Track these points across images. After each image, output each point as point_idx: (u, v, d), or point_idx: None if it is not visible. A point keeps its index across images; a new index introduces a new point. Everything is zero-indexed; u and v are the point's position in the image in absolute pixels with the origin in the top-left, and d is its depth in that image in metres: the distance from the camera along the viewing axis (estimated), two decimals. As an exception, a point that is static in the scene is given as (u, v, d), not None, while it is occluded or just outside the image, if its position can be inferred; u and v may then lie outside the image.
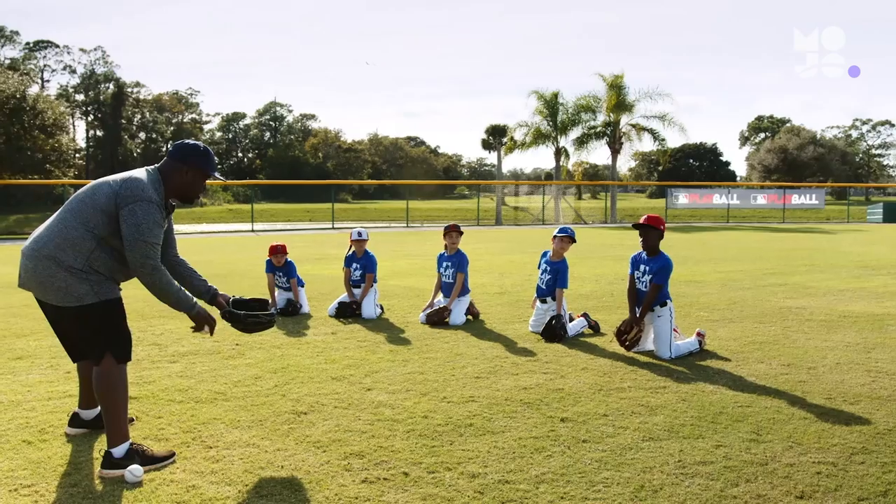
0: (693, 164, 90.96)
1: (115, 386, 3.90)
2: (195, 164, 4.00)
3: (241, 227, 35.37)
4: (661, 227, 6.49)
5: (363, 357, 6.33)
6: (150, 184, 3.86)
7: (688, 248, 19.27)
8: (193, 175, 4.01)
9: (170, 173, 3.97)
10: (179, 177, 3.98)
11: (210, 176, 4.09)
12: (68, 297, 3.78)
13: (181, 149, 4.03)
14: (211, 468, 3.81)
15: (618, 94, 36.01)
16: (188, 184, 4.01)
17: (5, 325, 7.93)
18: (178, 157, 3.99)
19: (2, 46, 68.44)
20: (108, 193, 3.78)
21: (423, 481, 3.62)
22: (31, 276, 3.82)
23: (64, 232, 3.79)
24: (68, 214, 3.84)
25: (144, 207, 3.75)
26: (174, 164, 3.97)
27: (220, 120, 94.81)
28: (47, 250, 3.77)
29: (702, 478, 3.64)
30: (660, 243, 6.54)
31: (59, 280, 3.75)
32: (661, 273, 6.39)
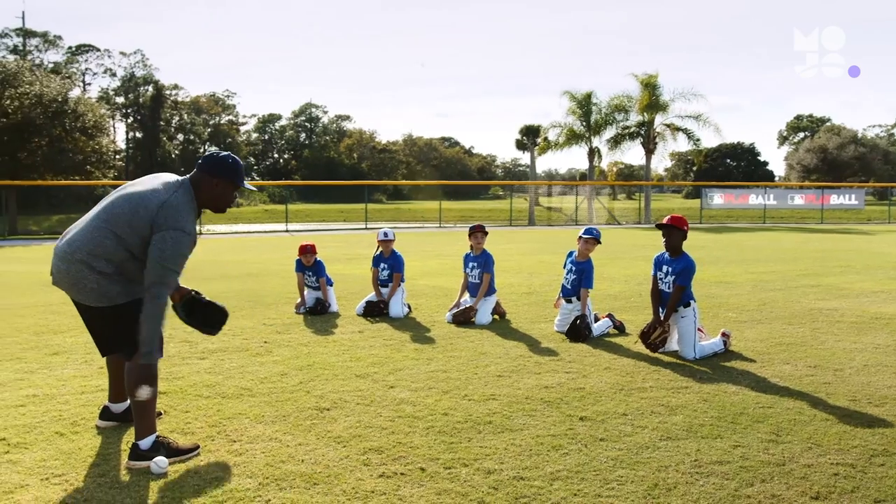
0: (730, 164, 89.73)
1: (146, 381, 4.01)
2: (225, 176, 4.11)
3: (275, 227, 35.80)
4: (684, 228, 6.47)
5: (388, 355, 6.41)
6: (185, 206, 3.96)
7: (721, 248, 19.07)
8: (224, 187, 4.12)
9: (200, 184, 4.08)
10: (210, 188, 4.08)
11: (239, 187, 4.19)
12: (101, 297, 3.93)
13: (211, 162, 4.13)
14: (234, 461, 3.91)
15: (651, 93, 35.73)
16: (219, 195, 4.13)
17: (44, 321, 8.17)
18: (207, 169, 4.09)
19: (45, 51, 70.03)
20: (146, 220, 3.87)
21: (439, 476, 3.68)
22: (64, 277, 3.97)
23: (97, 240, 3.92)
24: (103, 224, 3.94)
25: (175, 237, 3.87)
26: (204, 176, 4.08)
27: (257, 121, 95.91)
28: (80, 255, 3.91)
29: (717, 477, 3.65)
30: (682, 244, 6.51)
31: (91, 282, 3.90)
32: (684, 274, 6.37)
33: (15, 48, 66.30)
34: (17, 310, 9.05)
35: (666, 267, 6.52)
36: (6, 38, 66.92)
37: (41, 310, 8.97)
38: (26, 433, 4.39)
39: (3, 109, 32.13)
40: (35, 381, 5.61)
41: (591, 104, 38.02)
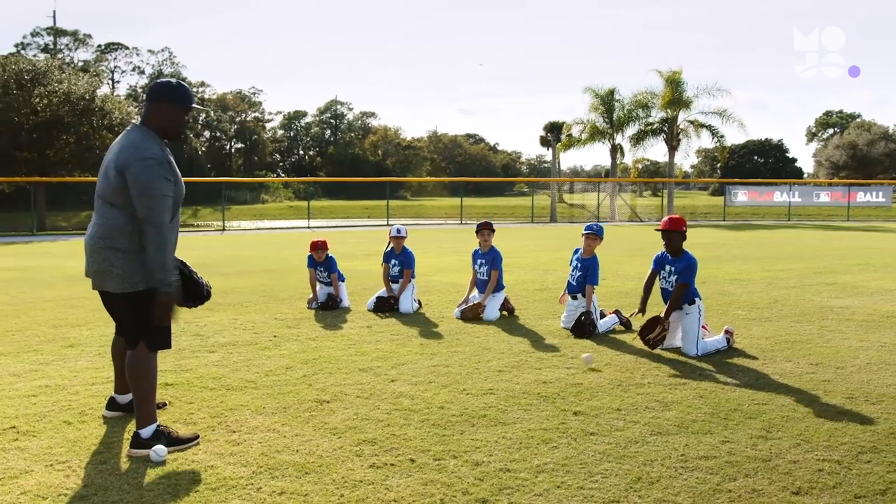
0: (758, 160, 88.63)
1: (146, 372, 4.16)
2: (171, 99, 4.12)
3: (298, 223, 36.09)
4: (682, 229, 6.51)
5: (393, 350, 6.51)
6: (141, 139, 4.00)
7: (741, 246, 18.95)
8: (172, 110, 4.12)
9: (150, 115, 4.09)
10: (159, 115, 4.09)
11: (189, 109, 4.20)
12: (125, 283, 4.05)
13: (156, 88, 4.15)
14: (231, 450, 4.03)
15: (675, 89, 35.48)
16: (169, 119, 4.12)
17: (63, 314, 8.38)
18: (154, 97, 4.11)
19: (76, 49, 71.18)
20: (113, 173, 3.97)
21: (428, 468, 3.77)
22: (93, 267, 4.15)
23: (104, 220, 4.08)
24: (100, 203, 4.10)
25: (142, 166, 3.90)
26: (152, 105, 4.10)
27: (282, 118, 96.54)
28: (103, 242, 4.07)
29: (701, 472, 3.70)
30: (683, 244, 6.55)
31: (118, 267, 4.03)
32: (686, 272, 6.40)
33: (46, 47, 67.43)
34: (39, 304, 9.28)
35: (669, 266, 6.56)
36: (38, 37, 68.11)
37: (62, 303, 9.19)
38: (36, 422, 4.55)
39: (33, 107, 32.71)
40: (49, 372, 5.78)
41: (614, 101, 37.87)
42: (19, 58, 38.25)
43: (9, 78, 33.17)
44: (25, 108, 32.66)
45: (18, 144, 32.85)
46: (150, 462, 3.87)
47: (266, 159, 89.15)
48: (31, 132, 32.76)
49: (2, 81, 33.09)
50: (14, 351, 6.53)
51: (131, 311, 4.15)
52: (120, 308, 4.23)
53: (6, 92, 32.83)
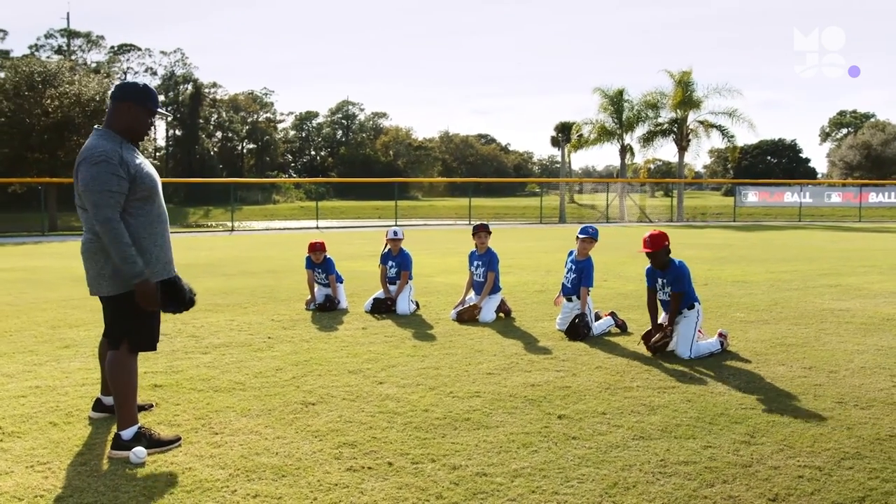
0: (771, 161, 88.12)
1: (126, 373, 4.18)
2: (134, 100, 4.12)
3: (308, 224, 36.19)
4: (663, 246, 6.39)
5: (385, 351, 6.51)
6: (98, 141, 4.01)
7: (747, 247, 18.83)
8: (136, 111, 4.12)
9: (115, 115, 4.10)
10: (124, 116, 4.10)
11: (153, 112, 4.20)
12: (116, 284, 4.07)
13: (120, 88, 4.17)
14: (211, 453, 4.04)
15: (685, 90, 35.32)
16: (133, 120, 4.12)
17: (62, 315, 8.43)
18: (119, 97, 4.13)
19: (88, 51, 71.69)
20: (76, 180, 4.02)
21: (405, 471, 3.76)
22: (88, 272, 4.18)
23: (91, 227, 4.08)
24: (81, 212, 4.14)
25: (90, 164, 3.92)
26: (116, 105, 4.11)
27: (294, 119, 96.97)
28: (92, 245, 4.10)
29: (679, 477, 3.68)
30: (668, 256, 6.46)
31: (110, 269, 4.06)
32: (678, 282, 6.35)
33: (59, 48, 67.92)
34: (41, 304, 9.34)
35: (661, 279, 6.51)
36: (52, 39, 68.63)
37: (62, 304, 9.25)
38: (22, 423, 4.57)
39: (44, 109, 32.94)
40: (41, 372, 5.82)
41: (623, 101, 37.74)
42: (31, 60, 38.58)
43: (21, 80, 33.44)
44: (37, 109, 32.90)
45: (30, 145, 33.11)
46: (130, 464, 3.88)
47: (278, 160, 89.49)
48: (43, 133, 32.99)
49: (14, 83, 33.36)
50: (10, 351, 6.57)
51: (117, 310, 4.18)
52: (110, 308, 4.24)
53: (18, 94, 33.11)
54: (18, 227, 30.61)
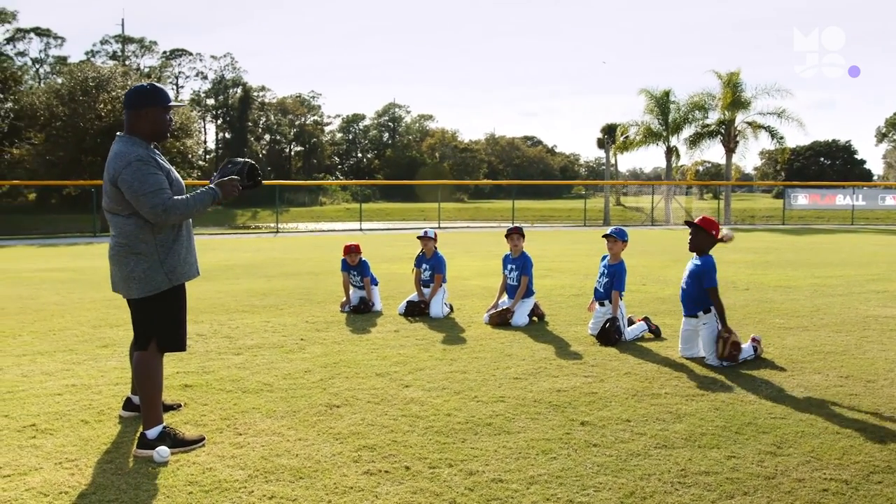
0: (824, 162, 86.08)
1: (153, 373, 4.29)
2: (150, 104, 4.20)
3: (352, 225, 36.50)
4: (711, 231, 6.35)
5: (414, 355, 6.53)
6: (127, 147, 4.11)
7: (794, 251, 18.41)
8: (154, 113, 4.20)
9: (135, 123, 4.19)
10: (144, 121, 4.19)
11: (169, 108, 4.27)
12: (148, 286, 4.20)
13: (131, 97, 4.23)
14: (232, 453, 4.10)
15: (734, 91, 34.69)
16: (154, 123, 4.21)
17: (104, 315, 8.64)
18: (133, 106, 4.19)
19: (142, 56, 73.39)
20: (108, 187, 4.14)
21: (421, 476, 3.77)
22: (116, 276, 4.31)
23: (122, 230, 4.21)
24: (111, 217, 4.26)
25: (130, 171, 4.03)
26: (133, 114, 4.19)
27: (341, 121, 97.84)
28: (124, 250, 4.22)
29: (698, 488, 3.61)
30: (707, 244, 6.39)
31: (140, 271, 4.18)
32: (708, 275, 6.24)
33: (114, 54, 69.69)
34: (85, 304, 9.59)
35: (689, 266, 6.46)
36: (107, 45, 70.46)
37: (105, 304, 9.47)
38: (55, 420, 4.70)
39: (97, 113, 33.88)
40: (79, 371, 5.97)
41: (669, 102, 37.24)
42: (86, 65, 39.66)
43: (76, 85, 34.41)
44: (90, 113, 33.84)
45: (83, 149, 34.08)
46: (153, 463, 3.96)
47: (325, 162, 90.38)
48: (96, 137, 33.94)
49: (69, 89, 34.35)
50: (51, 350, 6.76)
51: (145, 312, 4.28)
52: (138, 310, 4.34)
53: (73, 98, 34.08)
54: (72, 228, 31.44)
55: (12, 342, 7.14)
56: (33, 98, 36.89)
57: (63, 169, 34.65)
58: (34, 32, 66.09)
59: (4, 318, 8.50)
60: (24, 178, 37.99)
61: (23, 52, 66.36)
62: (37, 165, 35.49)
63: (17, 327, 7.91)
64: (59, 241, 25.30)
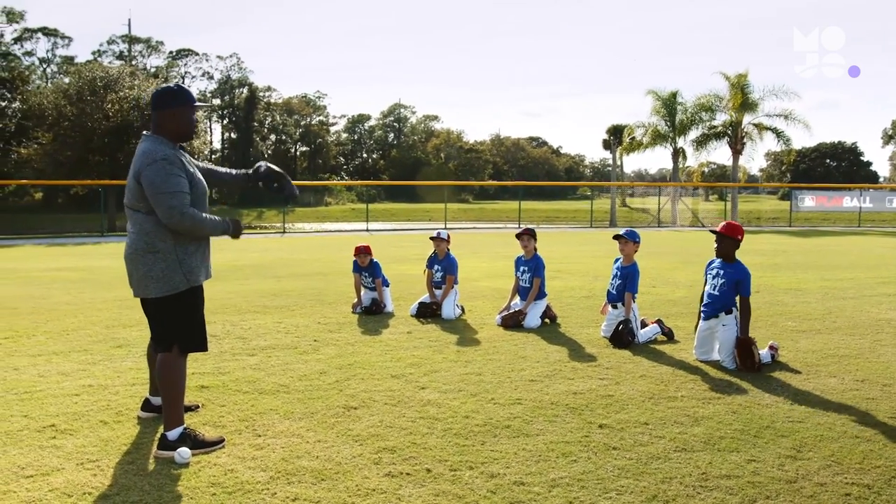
0: (830, 164, 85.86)
1: (176, 376, 4.30)
2: (177, 104, 4.27)
3: (358, 226, 36.49)
4: (737, 237, 6.39)
5: (428, 356, 6.53)
6: (152, 147, 4.17)
7: (802, 253, 18.38)
8: (181, 113, 4.27)
9: (162, 124, 4.25)
10: (171, 121, 4.25)
11: (194, 107, 4.35)
12: (167, 285, 4.22)
13: (158, 98, 4.31)
14: (253, 455, 4.11)
15: (742, 92, 34.63)
16: (180, 123, 4.28)
17: (117, 315, 8.66)
18: (160, 106, 4.26)
19: (148, 56, 73.53)
20: (132, 183, 4.19)
21: (443, 478, 3.78)
22: (134, 276, 4.33)
23: (142, 228, 4.24)
24: (132, 213, 4.29)
25: (154, 169, 4.08)
26: (160, 114, 4.26)
27: (346, 121, 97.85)
28: (143, 247, 4.24)
29: (721, 491, 3.61)
30: (735, 252, 6.44)
31: (158, 270, 4.21)
32: (744, 284, 6.28)
33: (121, 54, 69.86)
34: (97, 304, 9.61)
35: (717, 270, 6.46)
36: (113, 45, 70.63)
37: (117, 304, 9.50)
38: (74, 420, 4.72)
39: (105, 113, 33.98)
40: (95, 371, 5.99)
41: (676, 104, 37.20)
42: (94, 65, 39.77)
43: (83, 85, 34.51)
44: (98, 113, 33.93)
45: (91, 148, 34.18)
46: (175, 464, 3.98)
47: (330, 162, 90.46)
48: (103, 137, 34.04)
49: (77, 88, 34.45)
50: (66, 350, 6.79)
51: (165, 312, 4.30)
52: (157, 310, 4.36)
53: (81, 98, 34.18)
54: (79, 227, 31.56)
55: (27, 342, 7.17)
56: (41, 98, 37.00)
57: (70, 168, 34.74)
58: (42, 32, 66.25)
59: (17, 318, 8.53)
60: (32, 177, 38.14)
61: (30, 52, 66.54)
62: (44, 165, 35.60)
63: (31, 327, 7.94)
64: (67, 241, 25.37)
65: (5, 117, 46.47)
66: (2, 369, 6.07)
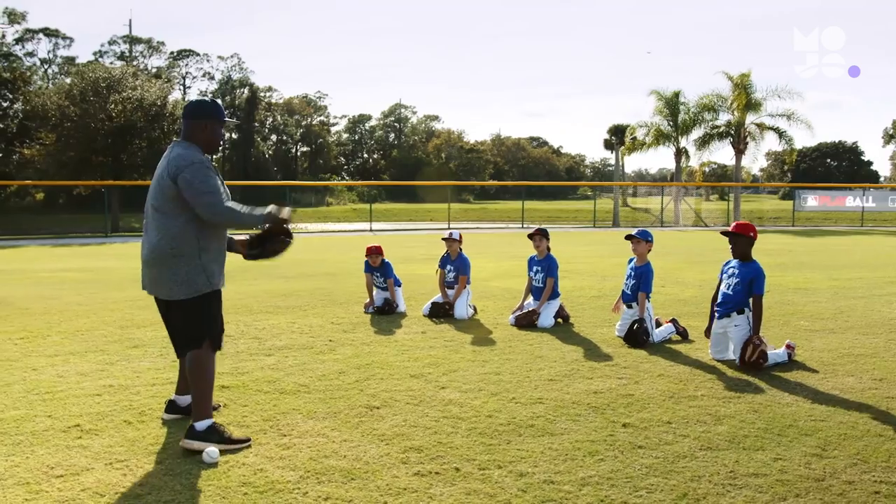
0: (831, 164, 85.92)
1: (208, 372, 4.41)
2: (209, 117, 4.42)
3: (361, 226, 36.51)
4: (749, 234, 6.41)
5: (445, 356, 6.55)
6: (187, 151, 4.31)
7: (808, 253, 18.40)
8: (212, 127, 4.43)
9: (192, 133, 4.40)
10: (201, 132, 4.41)
11: (224, 123, 4.51)
12: (190, 288, 4.30)
13: (193, 108, 4.46)
14: (280, 454, 4.13)
15: (745, 92, 34.65)
16: (210, 136, 4.43)
17: (130, 316, 8.68)
18: (193, 116, 4.41)
19: (149, 56, 73.48)
20: (165, 183, 4.26)
21: (472, 477, 3.79)
22: (156, 278, 4.38)
23: (167, 230, 4.29)
24: (156, 214, 4.35)
25: (193, 170, 4.21)
26: (192, 123, 4.40)
27: (347, 122, 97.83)
28: (167, 250, 4.29)
29: (750, 490, 3.63)
30: (751, 250, 6.46)
31: (183, 273, 4.28)
32: (757, 282, 6.31)
33: (122, 54, 69.84)
34: (108, 304, 9.63)
35: (733, 270, 6.47)
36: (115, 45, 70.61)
37: (129, 304, 9.52)
38: (98, 420, 4.73)
39: (108, 114, 33.99)
40: (113, 371, 6.01)
41: (679, 103, 37.22)
42: (96, 66, 39.80)
43: (86, 86, 34.53)
44: (101, 114, 33.94)
45: (94, 149, 34.19)
46: (204, 463, 3.99)
47: (331, 162, 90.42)
48: (107, 137, 34.06)
49: (80, 89, 34.45)
50: (82, 350, 6.80)
51: (193, 313, 4.36)
52: (183, 312, 4.40)
53: (84, 99, 34.20)
54: (83, 227, 31.55)
55: (42, 342, 7.19)
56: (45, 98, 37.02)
57: (73, 169, 34.76)
58: (43, 33, 66.15)
59: (30, 319, 8.55)
60: (34, 178, 38.15)
61: (31, 53, 66.49)
62: (48, 165, 35.63)
63: (45, 328, 7.96)
64: (72, 242, 25.38)
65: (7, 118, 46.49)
66: (20, 369, 6.09)
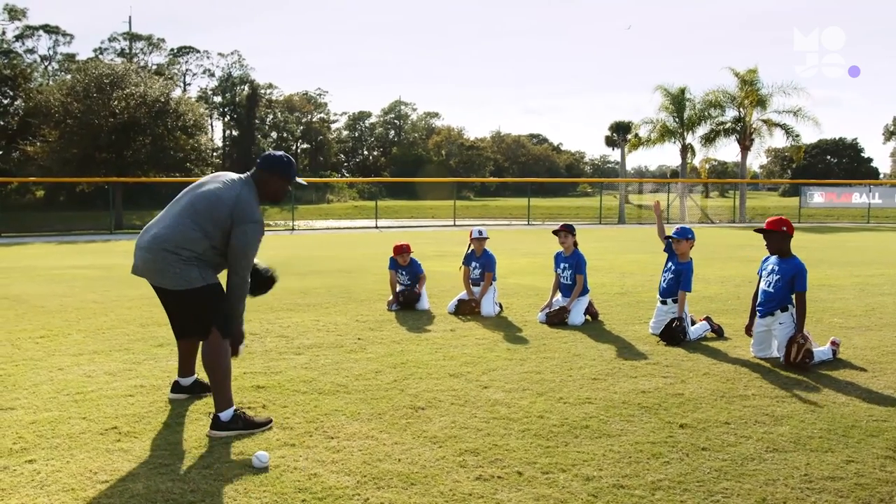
0: (831, 160, 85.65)
1: (221, 359, 4.41)
2: (281, 173, 4.60)
3: (365, 223, 36.35)
4: (782, 230, 6.23)
5: (480, 355, 6.40)
6: (254, 200, 4.48)
7: (822, 249, 18.26)
8: (280, 182, 4.62)
9: (260, 181, 4.56)
10: (269, 184, 4.58)
11: (293, 182, 4.69)
12: (181, 281, 4.38)
13: (269, 161, 4.62)
14: (332, 458, 3.97)
15: (751, 88, 34.49)
16: (276, 190, 4.63)
17: (149, 314, 8.51)
18: (266, 167, 4.58)
19: (150, 53, 73.16)
20: (225, 214, 4.34)
21: (537, 481, 3.64)
22: (150, 265, 4.47)
23: (185, 234, 4.38)
24: (189, 220, 4.38)
25: (254, 229, 4.40)
26: (263, 174, 4.57)
27: (347, 119, 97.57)
28: (168, 246, 4.38)
29: (830, 494, 3.48)
30: (787, 244, 6.29)
31: (175, 268, 4.36)
32: (799, 278, 6.13)
33: (122, 51, 69.56)
34: (124, 302, 9.47)
35: (772, 267, 6.32)
36: (115, 42, 70.31)
37: (146, 302, 9.33)
38: (135, 422, 4.58)
39: (111, 110, 33.75)
40: (142, 371, 5.85)
41: (685, 100, 37.06)
42: (99, 62, 39.55)
43: (89, 82, 34.30)
44: (104, 110, 33.72)
45: (98, 146, 33.96)
46: (253, 468, 3.83)
47: (331, 159, 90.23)
48: (110, 134, 33.82)
49: (83, 85, 34.23)
50: (106, 349, 6.65)
51: (194, 305, 4.45)
52: (181, 306, 4.56)
53: (87, 95, 33.97)
54: (87, 225, 31.38)
55: (64, 341, 7.03)
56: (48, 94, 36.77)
57: (77, 166, 34.53)
58: (43, 30, 65.86)
59: (47, 317, 8.39)
60: (37, 174, 37.91)
61: (32, 50, 66.18)
62: (51, 162, 35.37)
63: (64, 326, 7.79)
64: (77, 238, 25.23)
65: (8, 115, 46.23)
66: (46, 369, 5.93)
